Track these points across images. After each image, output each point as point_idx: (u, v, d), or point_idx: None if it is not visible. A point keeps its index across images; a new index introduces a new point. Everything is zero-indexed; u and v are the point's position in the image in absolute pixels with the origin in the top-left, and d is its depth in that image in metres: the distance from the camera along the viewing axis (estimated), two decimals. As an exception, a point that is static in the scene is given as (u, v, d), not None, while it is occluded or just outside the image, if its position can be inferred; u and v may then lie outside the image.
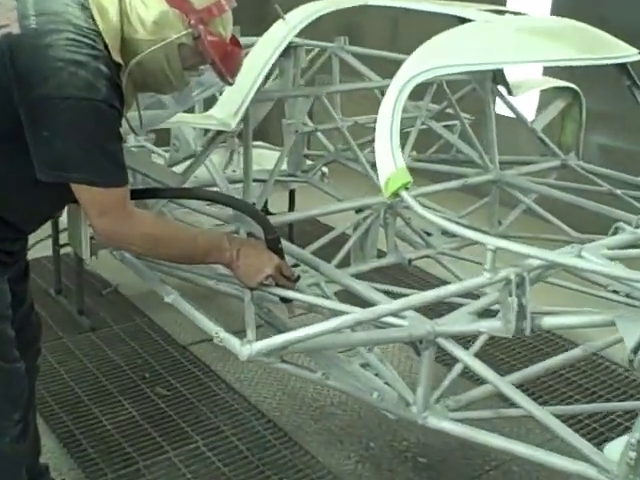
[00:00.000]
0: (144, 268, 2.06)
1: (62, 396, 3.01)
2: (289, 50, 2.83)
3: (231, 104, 2.25)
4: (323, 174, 3.80)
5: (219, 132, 2.26)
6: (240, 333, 1.76)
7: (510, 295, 1.64)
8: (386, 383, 1.87)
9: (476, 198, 3.13)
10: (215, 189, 2.74)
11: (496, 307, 1.73)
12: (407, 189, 1.79)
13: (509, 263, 1.67)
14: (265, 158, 3.92)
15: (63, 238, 3.31)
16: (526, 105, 3.56)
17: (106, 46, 1.65)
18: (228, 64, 1.76)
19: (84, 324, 3.54)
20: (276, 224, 2.51)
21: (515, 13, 2.80)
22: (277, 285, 1.89)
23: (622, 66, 2.55)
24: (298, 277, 2.01)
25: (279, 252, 1.90)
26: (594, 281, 2.16)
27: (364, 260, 2.74)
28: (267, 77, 2.48)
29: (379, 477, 2.65)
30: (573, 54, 2.18)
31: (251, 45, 2.54)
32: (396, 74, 1.97)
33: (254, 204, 2.34)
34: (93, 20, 1.65)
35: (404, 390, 1.86)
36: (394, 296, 2.36)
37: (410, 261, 2.75)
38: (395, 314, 1.74)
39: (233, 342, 1.68)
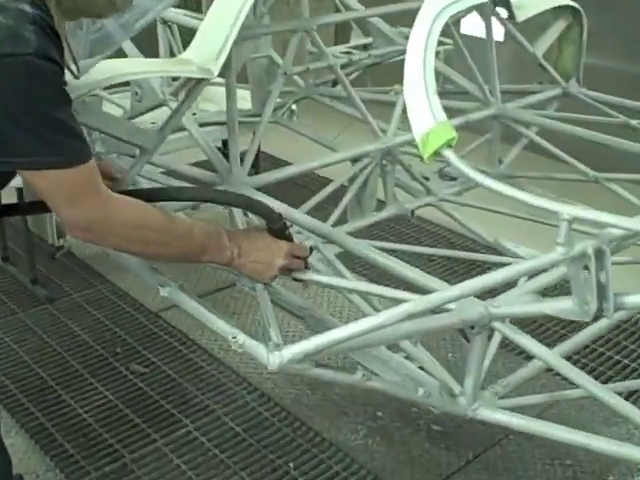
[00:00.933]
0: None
1: (26, 382, 2.68)
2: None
3: (210, 45, 1.88)
4: (292, 112, 3.47)
5: (199, 80, 1.90)
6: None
7: (586, 270, 1.38)
8: (429, 375, 1.61)
9: (470, 133, 2.83)
10: (182, 135, 2.39)
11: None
12: (451, 147, 1.49)
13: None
14: (222, 96, 3.54)
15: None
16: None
17: None
18: None
19: (40, 295, 3.17)
20: (268, 182, 2.20)
21: None
22: (291, 270, 1.58)
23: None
24: (311, 249, 1.72)
25: (287, 237, 1.59)
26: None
27: (362, 215, 2.44)
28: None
29: (394, 452, 2.43)
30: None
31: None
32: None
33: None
34: None
35: (449, 381, 1.60)
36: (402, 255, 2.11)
37: (412, 212, 2.47)
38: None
39: (258, 348, 1.38)
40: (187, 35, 2.24)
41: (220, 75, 1.96)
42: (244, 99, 3.37)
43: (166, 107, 2.22)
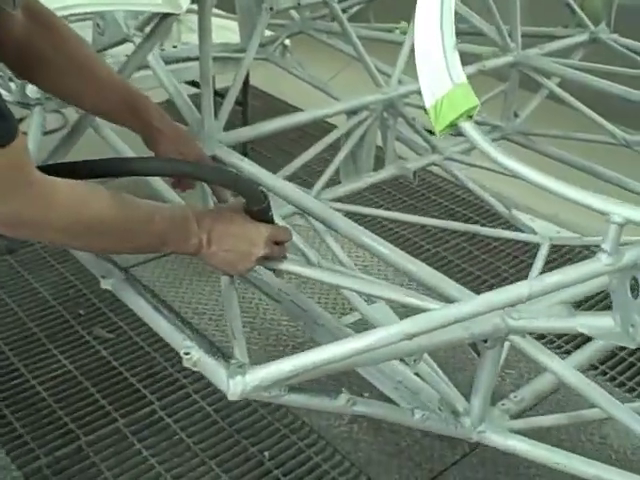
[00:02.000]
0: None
1: (-26, 346, 2.40)
2: None
3: (181, -28, 1.54)
4: (285, 47, 3.11)
5: (166, 15, 1.56)
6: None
7: (635, 286, 1.09)
8: (429, 385, 1.33)
9: (483, 77, 2.48)
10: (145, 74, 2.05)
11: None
12: (471, 117, 1.18)
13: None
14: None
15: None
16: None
17: None
18: None
19: (-2, 244, 2.87)
20: (246, 139, 1.88)
21: None
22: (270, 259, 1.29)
23: None
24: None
25: (269, 219, 1.29)
26: None
27: (357, 175, 2.14)
28: None
29: (381, 442, 2.17)
30: None
31: None
32: None
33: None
34: None
35: (453, 396, 1.33)
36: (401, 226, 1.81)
37: (415, 173, 2.16)
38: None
39: (216, 371, 1.09)
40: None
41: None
42: (231, 31, 3.03)
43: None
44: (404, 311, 1.37)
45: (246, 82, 3.41)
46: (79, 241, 1.12)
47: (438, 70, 1.18)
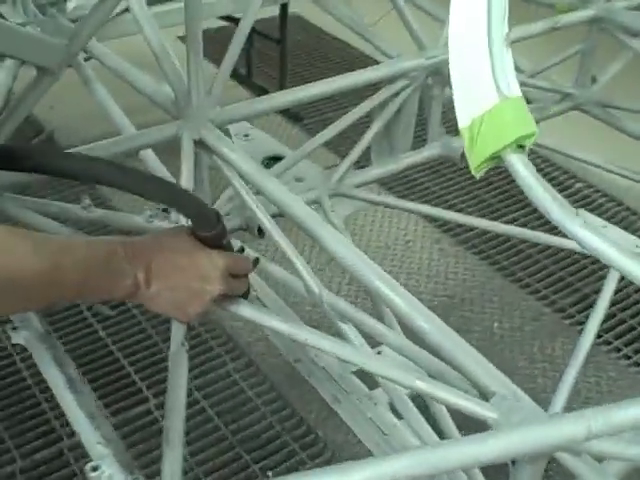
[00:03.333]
0: None
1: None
2: None
3: None
4: (328, -19, 2.70)
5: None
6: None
7: None
8: None
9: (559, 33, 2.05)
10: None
11: None
12: (522, 147, 0.81)
13: None
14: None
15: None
16: None
17: None
18: None
19: None
20: (242, 117, 1.51)
21: None
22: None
23: None
24: (257, 260, 1.16)
25: (225, 246, 1.00)
26: None
27: (392, 154, 1.78)
28: None
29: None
30: None
31: None
32: None
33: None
34: None
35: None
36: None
37: (463, 154, 1.78)
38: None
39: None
40: None
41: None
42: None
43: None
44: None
45: (284, 15, 3.02)
46: None
47: (479, 75, 0.81)
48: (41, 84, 1.27)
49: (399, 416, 1.16)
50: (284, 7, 2.94)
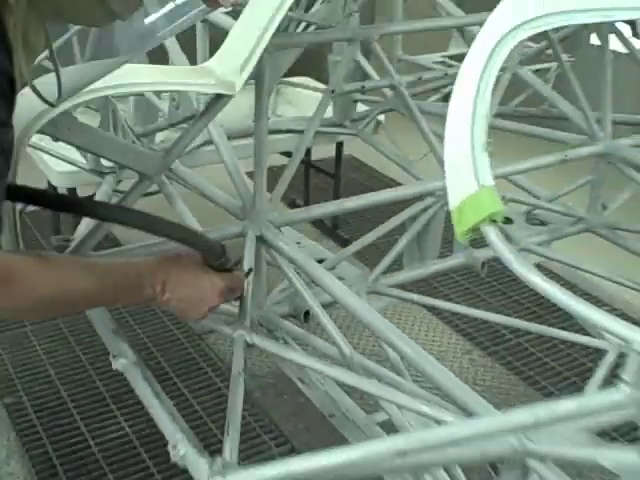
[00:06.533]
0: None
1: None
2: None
3: (237, 54, 1.56)
4: (378, 124, 3.11)
5: (219, 95, 1.58)
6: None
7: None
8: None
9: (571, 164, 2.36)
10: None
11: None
12: (495, 222, 1.11)
13: None
14: (305, 100, 3.23)
15: None
16: None
17: None
18: None
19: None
20: (297, 221, 1.85)
21: None
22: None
23: None
24: (250, 271, 1.51)
25: (227, 269, 1.35)
26: None
27: (422, 261, 2.07)
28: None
29: None
30: None
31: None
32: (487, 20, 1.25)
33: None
34: None
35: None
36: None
37: (484, 264, 2.07)
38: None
39: (199, 468, 1.06)
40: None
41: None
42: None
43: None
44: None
45: (339, 155, 3.43)
46: (45, 315, 1.16)
47: (465, 170, 1.12)
48: (140, 186, 1.63)
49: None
50: (339, 146, 3.35)
